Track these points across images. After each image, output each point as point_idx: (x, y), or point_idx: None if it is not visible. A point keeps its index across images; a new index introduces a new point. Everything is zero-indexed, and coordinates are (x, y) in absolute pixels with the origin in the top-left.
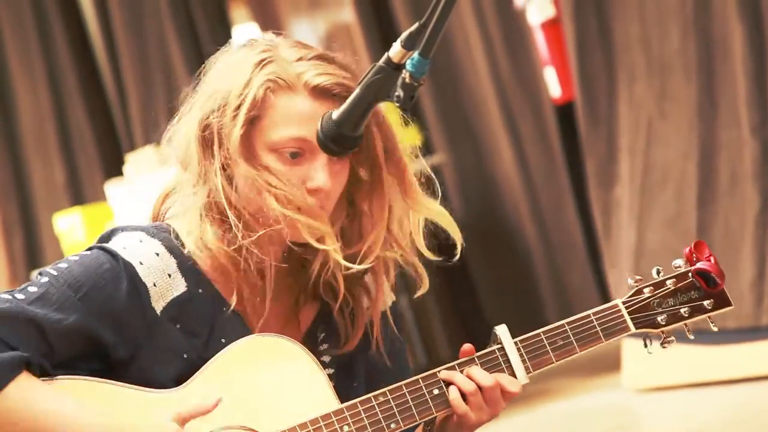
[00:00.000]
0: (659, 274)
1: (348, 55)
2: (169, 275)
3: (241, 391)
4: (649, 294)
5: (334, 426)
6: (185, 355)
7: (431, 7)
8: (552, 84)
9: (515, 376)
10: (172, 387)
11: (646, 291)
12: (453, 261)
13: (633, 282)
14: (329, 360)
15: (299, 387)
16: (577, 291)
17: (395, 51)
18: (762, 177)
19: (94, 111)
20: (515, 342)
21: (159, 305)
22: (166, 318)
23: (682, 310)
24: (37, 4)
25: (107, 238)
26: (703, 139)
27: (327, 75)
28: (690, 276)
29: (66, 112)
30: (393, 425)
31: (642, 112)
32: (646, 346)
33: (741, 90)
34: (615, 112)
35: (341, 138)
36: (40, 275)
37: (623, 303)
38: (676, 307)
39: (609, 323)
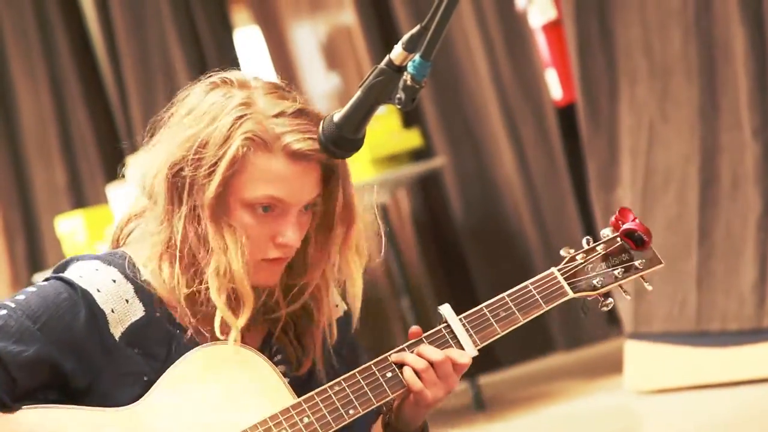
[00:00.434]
0: (589, 243)
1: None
2: (127, 300)
3: (199, 399)
4: (582, 260)
5: (293, 419)
6: (145, 378)
7: (432, 10)
8: (553, 86)
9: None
10: None
11: (578, 257)
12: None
13: (565, 252)
14: (288, 381)
15: (256, 389)
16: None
17: (397, 53)
18: (764, 179)
19: (95, 114)
20: (460, 318)
21: (117, 331)
22: (124, 343)
23: (615, 271)
24: (39, 7)
25: (63, 268)
26: (705, 142)
27: (307, 141)
28: (619, 240)
29: (67, 115)
30: (351, 411)
31: (643, 114)
32: (584, 314)
33: (743, 92)
34: (616, 114)
35: (342, 140)
36: None
37: (558, 270)
38: (609, 270)
39: (547, 290)
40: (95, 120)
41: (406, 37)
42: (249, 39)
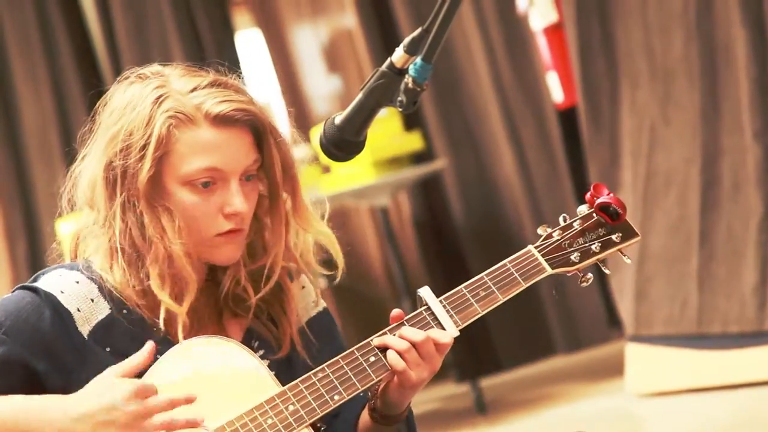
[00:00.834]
0: (566, 219)
1: (239, 79)
2: (92, 300)
3: (183, 392)
4: (559, 237)
5: (279, 408)
6: None
7: (434, 12)
8: (554, 89)
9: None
10: None
11: (555, 234)
12: (335, 282)
13: (542, 230)
14: (268, 365)
15: (241, 380)
16: (579, 296)
17: (398, 56)
18: (765, 182)
19: None
20: (440, 300)
21: (85, 329)
22: (93, 341)
23: (593, 246)
24: (41, 9)
25: (30, 281)
26: (706, 145)
27: (225, 102)
28: (594, 215)
29: (69, 117)
30: (336, 397)
31: (645, 117)
32: (555, 293)
33: (744, 95)
34: (618, 117)
35: (344, 143)
36: None
37: (536, 247)
38: (586, 245)
39: (525, 268)
40: None
41: (407, 40)
42: (250, 41)
